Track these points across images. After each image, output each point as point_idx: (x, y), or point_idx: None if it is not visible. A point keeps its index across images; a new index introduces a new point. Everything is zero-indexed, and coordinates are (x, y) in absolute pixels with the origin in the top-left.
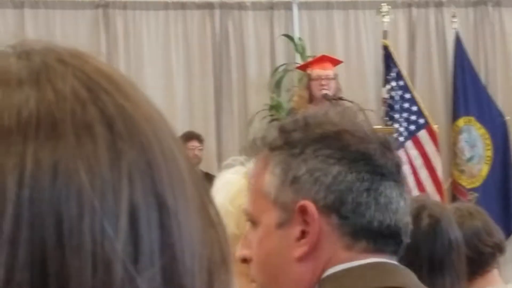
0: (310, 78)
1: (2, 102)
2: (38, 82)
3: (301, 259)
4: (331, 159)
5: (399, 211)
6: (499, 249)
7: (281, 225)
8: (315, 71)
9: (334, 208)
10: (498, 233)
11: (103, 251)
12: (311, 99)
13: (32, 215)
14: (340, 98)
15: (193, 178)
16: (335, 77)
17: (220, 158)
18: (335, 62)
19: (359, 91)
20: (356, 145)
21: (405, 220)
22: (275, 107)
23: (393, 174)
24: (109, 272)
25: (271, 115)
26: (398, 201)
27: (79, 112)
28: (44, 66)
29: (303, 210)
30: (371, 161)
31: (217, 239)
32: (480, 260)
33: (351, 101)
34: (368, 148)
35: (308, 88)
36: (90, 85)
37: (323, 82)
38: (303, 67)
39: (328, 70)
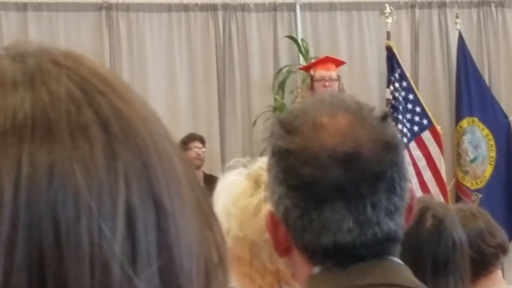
0: (313, 79)
1: None
2: (32, 84)
3: (280, 256)
4: (277, 179)
5: (343, 230)
6: (502, 250)
7: None
8: (318, 72)
9: (284, 224)
10: (501, 234)
11: (100, 253)
12: None
13: (29, 217)
14: None
15: (189, 179)
16: (338, 78)
17: (223, 159)
18: (338, 63)
19: (363, 92)
20: (297, 170)
21: (354, 235)
22: (279, 108)
23: (345, 193)
24: (107, 273)
25: None
26: (341, 221)
27: (74, 114)
28: (38, 68)
29: None
30: (308, 188)
31: (214, 240)
32: (483, 261)
33: None
34: (310, 173)
35: (311, 89)
36: (84, 86)
37: (326, 83)
38: (306, 68)
39: (331, 71)
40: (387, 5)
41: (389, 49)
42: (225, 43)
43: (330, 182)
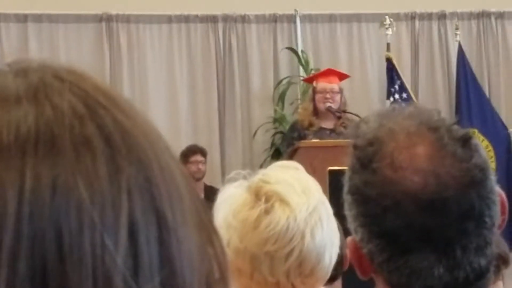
0: (315, 91)
1: (1, 118)
2: (36, 99)
3: (363, 277)
4: (358, 220)
5: (433, 276)
6: (503, 261)
7: None
8: (320, 84)
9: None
10: (502, 245)
11: (103, 265)
12: (316, 111)
13: (33, 230)
14: (344, 111)
15: (191, 194)
16: (340, 91)
17: (223, 170)
18: (342, 77)
19: (363, 103)
20: (378, 218)
21: (445, 281)
22: (279, 119)
23: (432, 240)
24: (109, 286)
25: (275, 128)
26: (431, 268)
27: (78, 128)
28: (41, 83)
29: None
30: (392, 236)
31: (215, 255)
32: None
33: (355, 114)
34: (392, 222)
35: (313, 100)
36: (87, 100)
37: (328, 95)
38: (309, 80)
39: (333, 84)
40: (387, 16)
41: (389, 61)
42: (225, 54)
43: (415, 230)
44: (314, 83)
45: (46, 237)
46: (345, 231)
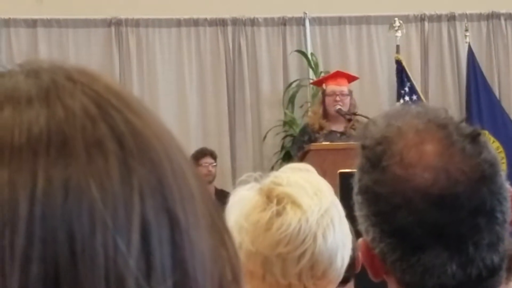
0: (324, 94)
1: (13, 119)
2: (47, 100)
3: (375, 279)
4: (369, 220)
5: (447, 274)
6: None
7: None
8: (330, 87)
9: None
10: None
11: (116, 267)
12: (326, 114)
13: (45, 232)
14: (354, 114)
15: (203, 196)
16: (349, 93)
17: (234, 174)
18: (351, 78)
19: (373, 106)
20: (389, 215)
21: (458, 278)
22: (288, 123)
23: (444, 236)
24: (122, 287)
25: (285, 131)
26: (444, 265)
27: (89, 129)
28: (53, 84)
29: None
30: (404, 233)
31: (227, 257)
32: None
33: (365, 116)
34: (404, 219)
35: (323, 103)
36: (99, 101)
37: (337, 98)
38: (318, 83)
39: (342, 86)
40: (396, 18)
41: (398, 63)
42: (234, 58)
43: (427, 227)
44: (324, 86)
45: (58, 239)
46: (356, 233)
